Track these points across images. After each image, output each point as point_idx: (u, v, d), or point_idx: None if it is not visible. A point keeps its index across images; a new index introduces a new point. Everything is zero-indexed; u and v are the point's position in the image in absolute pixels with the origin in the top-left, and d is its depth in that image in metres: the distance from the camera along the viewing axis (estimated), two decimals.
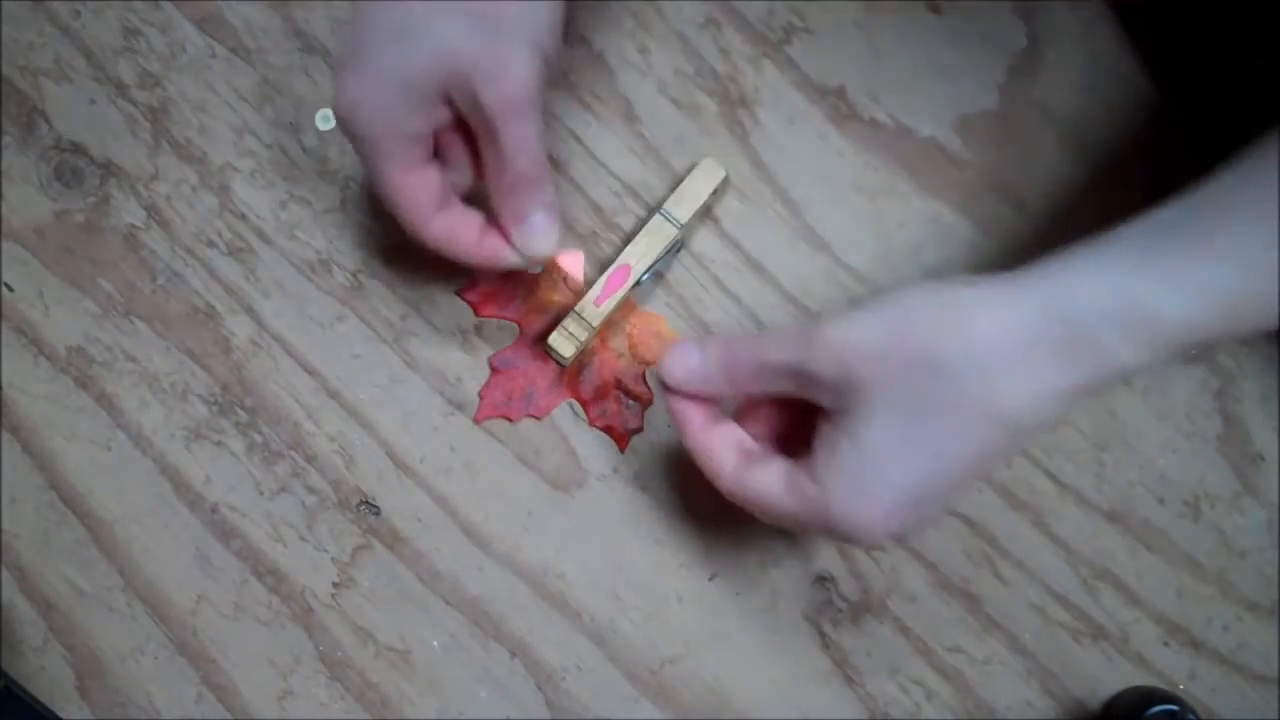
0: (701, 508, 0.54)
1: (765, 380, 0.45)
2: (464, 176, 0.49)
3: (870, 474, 0.41)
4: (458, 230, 0.48)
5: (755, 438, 0.48)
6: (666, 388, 0.47)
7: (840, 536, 0.42)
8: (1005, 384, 0.39)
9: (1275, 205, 0.38)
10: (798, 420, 0.46)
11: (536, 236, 0.48)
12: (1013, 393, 0.39)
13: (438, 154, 0.48)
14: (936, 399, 0.40)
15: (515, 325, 0.56)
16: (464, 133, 0.47)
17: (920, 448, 0.40)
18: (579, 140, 0.57)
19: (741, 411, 0.48)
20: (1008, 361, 0.39)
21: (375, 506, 0.55)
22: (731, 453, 0.46)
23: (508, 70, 0.43)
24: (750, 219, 0.57)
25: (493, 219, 0.49)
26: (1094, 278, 0.39)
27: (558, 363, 0.54)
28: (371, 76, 0.44)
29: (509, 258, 0.48)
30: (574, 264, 0.52)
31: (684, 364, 0.47)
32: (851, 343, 0.41)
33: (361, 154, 0.46)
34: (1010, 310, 0.40)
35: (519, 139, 0.45)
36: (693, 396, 0.47)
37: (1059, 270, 0.40)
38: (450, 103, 0.45)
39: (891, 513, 0.41)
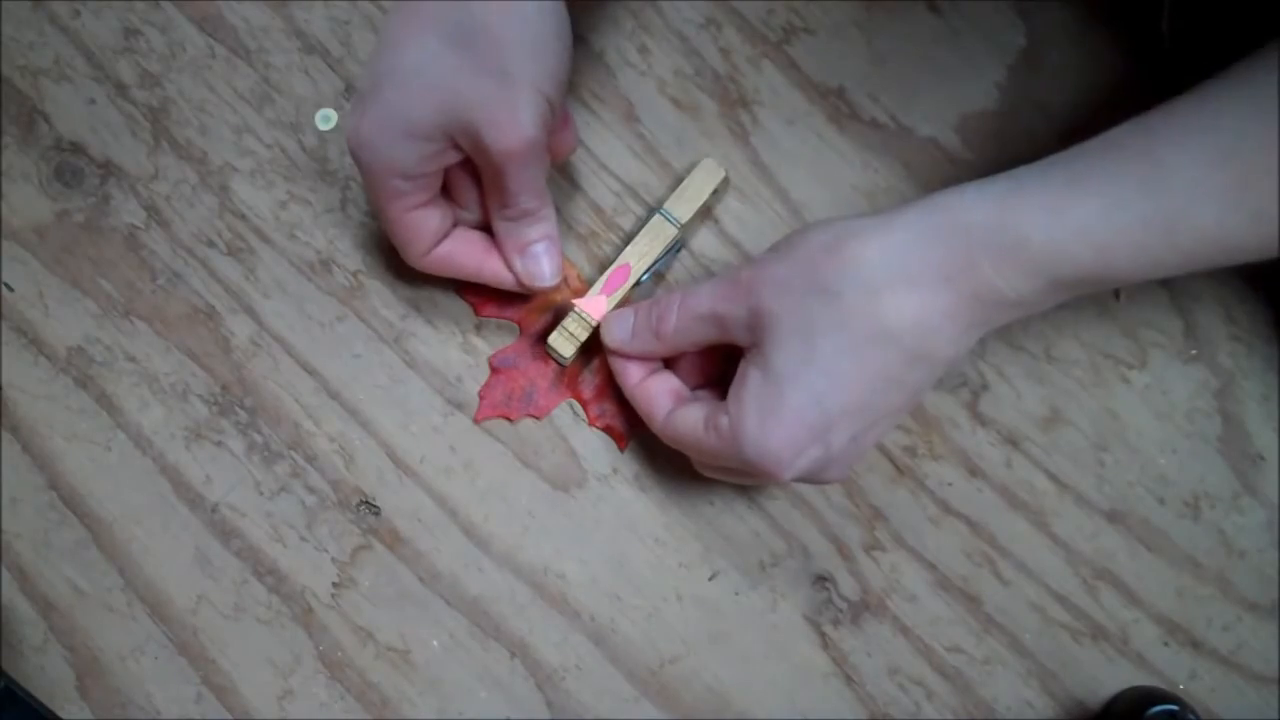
0: (701, 508, 0.54)
1: (689, 330, 0.47)
2: (472, 213, 0.51)
3: (774, 399, 0.43)
4: (456, 256, 0.50)
5: (694, 388, 0.51)
6: (608, 350, 0.51)
7: (754, 469, 0.44)
8: (890, 301, 0.41)
9: (1150, 155, 0.40)
10: (729, 366, 0.48)
11: (538, 265, 0.50)
12: (898, 310, 0.41)
13: (447, 189, 0.49)
14: (828, 320, 0.42)
15: (515, 325, 0.56)
16: (472, 169, 0.48)
17: (816, 369, 0.42)
18: (579, 140, 0.57)
19: (678, 363, 0.51)
20: (891, 280, 0.41)
21: (375, 506, 0.55)
22: (665, 399, 0.50)
23: (513, 119, 0.44)
24: (750, 219, 0.57)
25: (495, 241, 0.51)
26: (973, 204, 0.41)
27: (558, 363, 0.54)
28: (380, 115, 0.45)
29: (508, 280, 0.51)
30: (597, 308, 0.52)
31: (618, 327, 0.51)
32: (759, 279, 0.44)
33: (366, 188, 0.48)
34: (894, 233, 0.42)
35: (522, 182, 0.47)
36: (631, 356, 0.51)
37: (943, 197, 0.42)
38: (457, 144, 0.46)
39: (795, 438, 0.43)
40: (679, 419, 0.48)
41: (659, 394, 0.50)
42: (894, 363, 0.42)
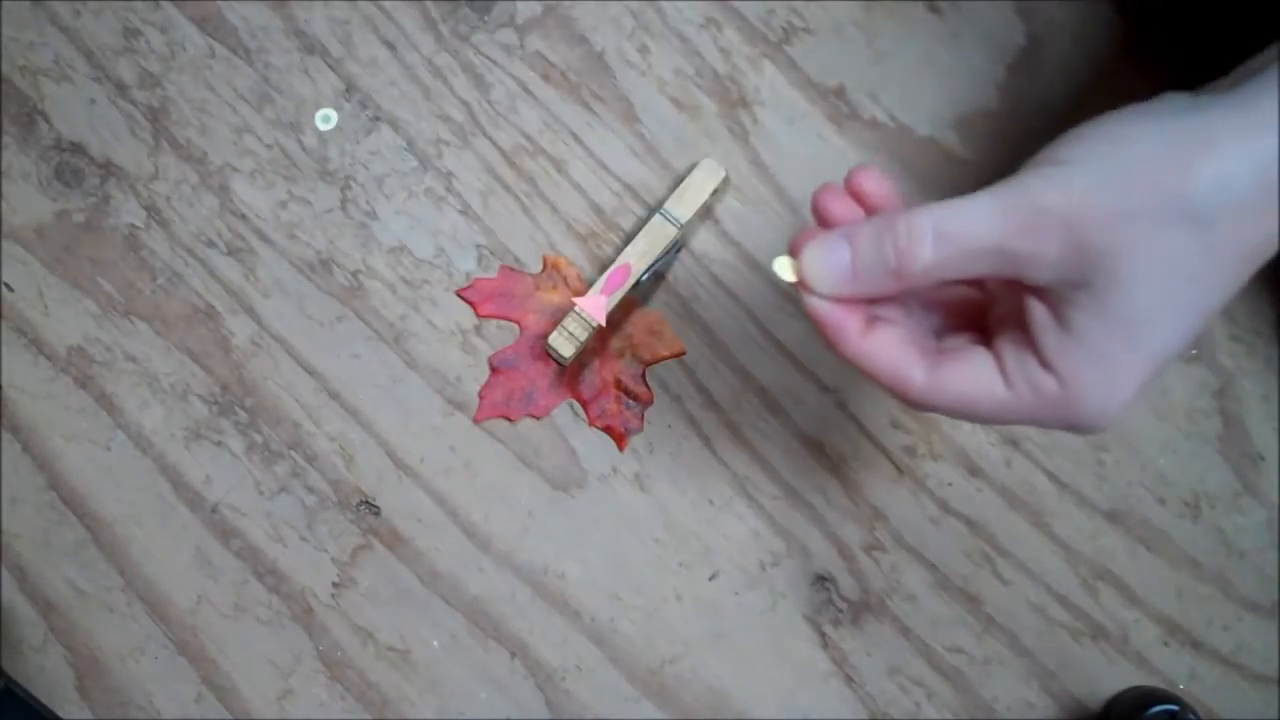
0: (701, 507, 0.54)
1: (950, 268, 0.37)
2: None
3: (1125, 352, 0.35)
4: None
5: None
6: (809, 293, 0.39)
7: (1076, 428, 0.37)
8: (1264, 221, 0.35)
9: None
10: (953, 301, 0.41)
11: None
12: (1260, 231, 0.35)
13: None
14: (1198, 255, 0.35)
15: (515, 325, 0.56)
16: None
17: (1187, 311, 0.35)
18: (579, 140, 0.57)
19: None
20: (1259, 198, 0.35)
21: (375, 506, 0.55)
22: (911, 355, 0.38)
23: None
24: (750, 219, 0.57)
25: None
26: None
27: (558, 363, 0.54)
28: None
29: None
30: (597, 308, 0.52)
31: (830, 263, 0.38)
32: (1081, 209, 0.35)
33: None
34: (1265, 142, 0.35)
35: None
36: (843, 302, 0.39)
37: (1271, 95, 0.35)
38: None
39: (1145, 386, 0.36)
40: (954, 380, 0.38)
41: (901, 351, 0.38)
42: (1245, 278, 0.36)
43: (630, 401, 0.55)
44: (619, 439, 0.55)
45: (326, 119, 0.57)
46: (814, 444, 0.55)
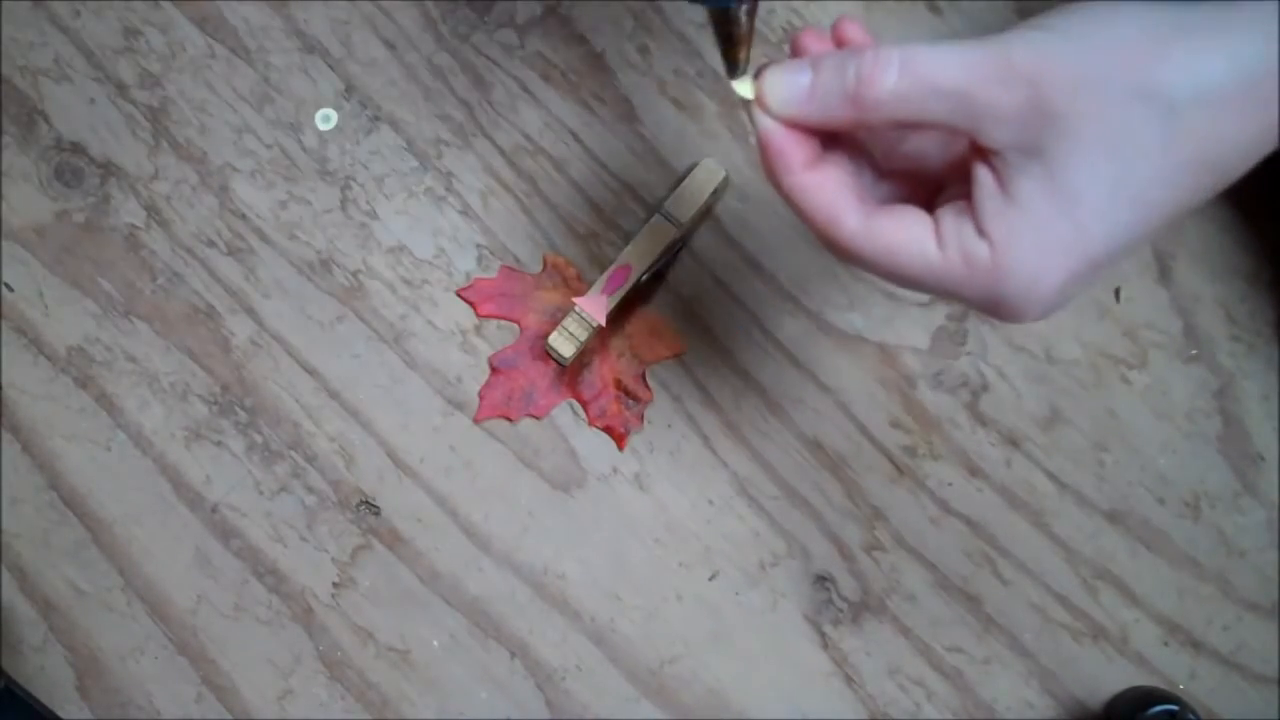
0: (701, 507, 0.54)
1: (908, 102, 0.35)
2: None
3: (1065, 225, 0.34)
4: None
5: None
6: (763, 114, 0.37)
7: (1000, 305, 0.36)
8: (1230, 125, 0.34)
9: None
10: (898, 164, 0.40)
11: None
12: (1235, 136, 0.34)
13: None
14: (1155, 138, 0.34)
15: (515, 325, 0.56)
16: None
17: (1127, 196, 0.34)
18: (579, 140, 0.57)
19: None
20: (1238, 100, 0.34)
21: (375, 506, 0.55)
22: (849, 198, 0.37)
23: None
24: (750, 219, 0.57)
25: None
26: None
27: (558, 363, 0.54)
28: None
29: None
30: (597, 308, 0.52)
31: (792, 83, 0.37)
32: (1048, 69, 0.34)
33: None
34: (1243, 41, 0.34)
35: None
36: (793, 129, 0.37)
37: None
38: None
39: (1076, 277, 0.35)
40: (886, 231, 0.36)
41: (840, 189, 0.37)
42: (1205, 195, 0.34)
43: (630, 401, 0.55)
44: (619, 439, 0.55)
45: (326, 119, 0.57)
46: (814, 444, 0.55)
